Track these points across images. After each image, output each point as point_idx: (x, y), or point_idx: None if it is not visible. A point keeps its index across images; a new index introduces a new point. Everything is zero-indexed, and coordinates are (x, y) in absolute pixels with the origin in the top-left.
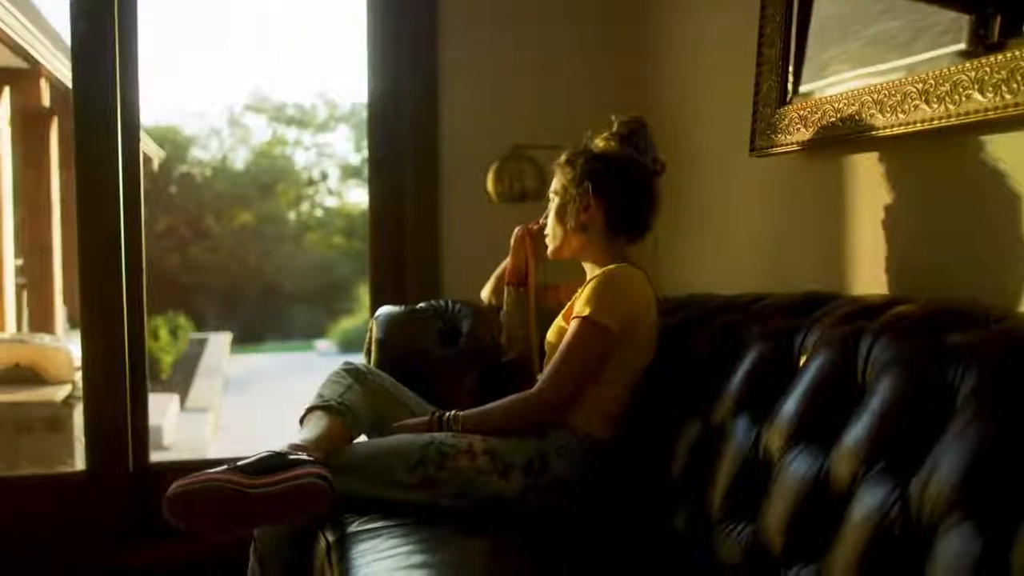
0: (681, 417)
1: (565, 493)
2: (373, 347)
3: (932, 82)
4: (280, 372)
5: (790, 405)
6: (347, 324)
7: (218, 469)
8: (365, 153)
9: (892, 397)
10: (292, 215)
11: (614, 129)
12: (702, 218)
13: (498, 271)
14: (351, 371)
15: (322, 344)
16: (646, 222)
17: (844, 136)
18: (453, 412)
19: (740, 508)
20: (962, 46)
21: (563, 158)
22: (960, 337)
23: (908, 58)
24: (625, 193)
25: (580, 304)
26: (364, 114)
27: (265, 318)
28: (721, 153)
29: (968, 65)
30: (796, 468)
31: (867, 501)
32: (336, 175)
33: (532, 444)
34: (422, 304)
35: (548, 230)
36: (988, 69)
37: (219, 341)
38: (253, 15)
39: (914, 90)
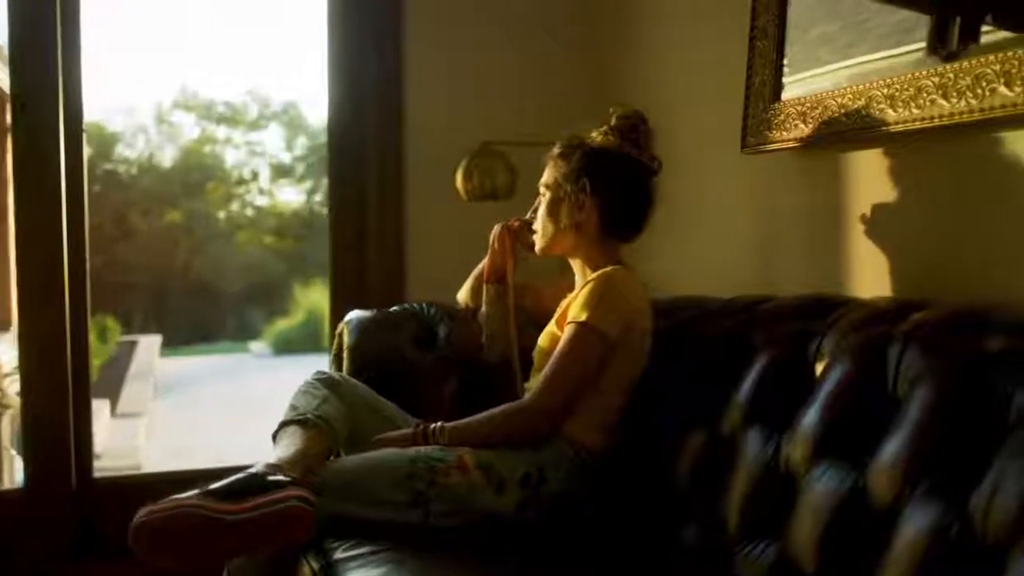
0: (683, 427)
1: (563, 507)
2: (345, 354)
3: (951, 76)
4: (214, 375)
5: (812, 416)
6: (283, 325)
7: (188, 494)
8: (297, 152)
9: (932, 409)
10: (222, 214)
11: (612, 123)
12: (687, 218)
13: (476, 271)
14: (325, 380)
15: (256, 346)
16: (643, 223)
17: (849, 132)
18: (439, 423)
19: (761, 524)
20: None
21: (557, 150)
22: (1002, 343)
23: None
24: (624, 192)
25: (576, 309)
26: (295, 112)
27: (197, 319)
28: (706, 150)
29: (992, 58)
30: (826, 484)
31: (918, 521)
32: (267, 174)
33: (527, 457)
34: (395, 308)
35: (537, 225)
36: (1016, 62)
37: (149, 344)
38: (181, 10)
39: (931, 84)
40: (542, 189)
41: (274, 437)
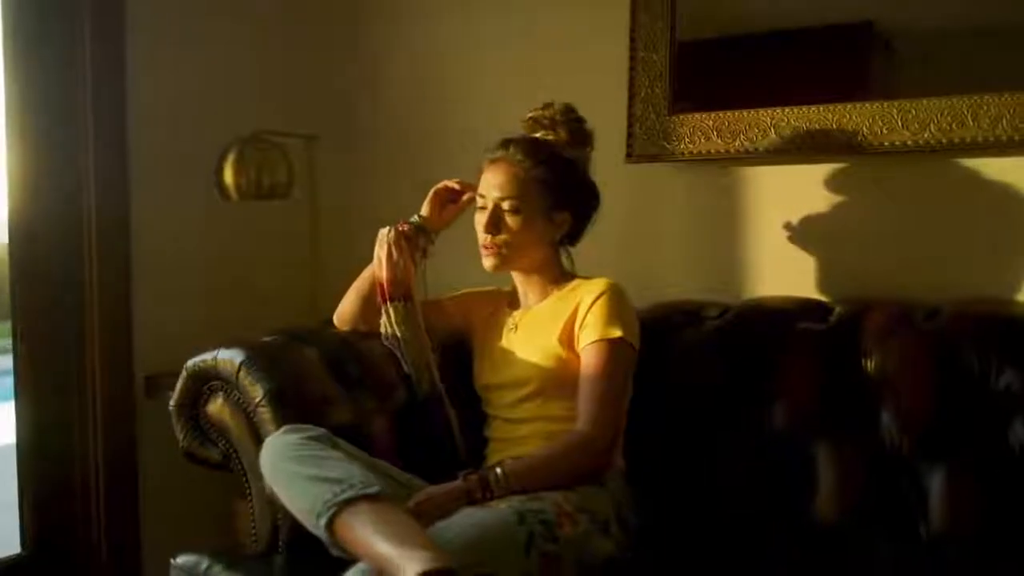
0: (714, 438)
1: (638, 540)
2: (265, 403)
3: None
4: None
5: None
6: None
7: None
8: None
9: None
10: None
11: (558, 118)
12: None
13: (359, 285)
14: (322, 438)
15: None
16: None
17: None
18: (497, 468)
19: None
20: None
21: (519, 152)
22: None
23: None
24: (593, 204)
25: (599, 325)
26: None
27: None
28: None
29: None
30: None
31: None
32: None
33: (605, 493)
34: (273, 336)
35: (503, 239)
36: None
37: None
38: None
39: None
40: (494, 197)
41: (330, 524)
